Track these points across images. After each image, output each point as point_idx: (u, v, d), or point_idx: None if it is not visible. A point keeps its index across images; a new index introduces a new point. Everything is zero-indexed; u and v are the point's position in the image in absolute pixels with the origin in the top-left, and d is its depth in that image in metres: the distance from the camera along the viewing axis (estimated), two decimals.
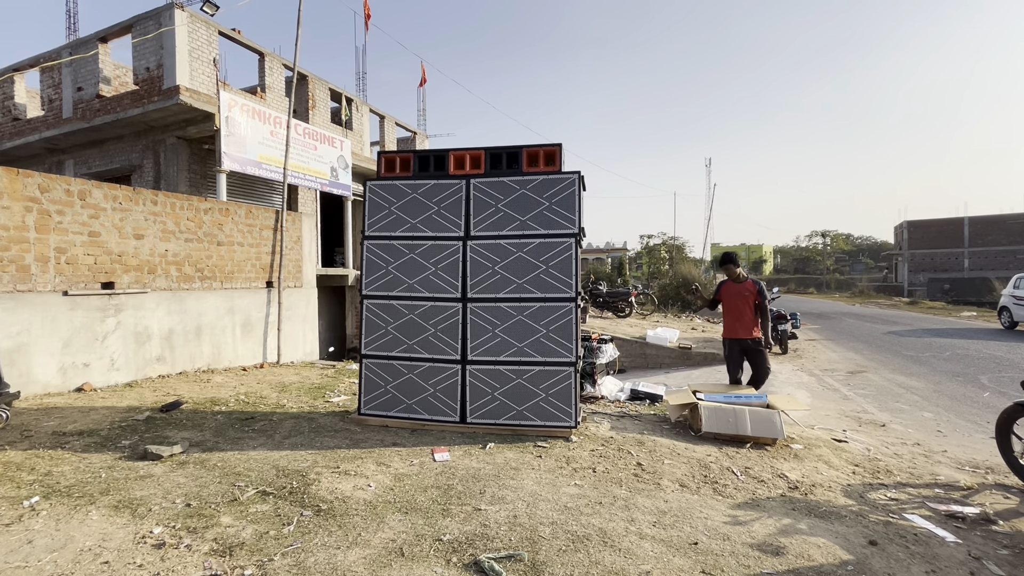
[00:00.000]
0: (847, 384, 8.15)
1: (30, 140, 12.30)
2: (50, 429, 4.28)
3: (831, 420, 5.93)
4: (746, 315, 5.22)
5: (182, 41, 10.10)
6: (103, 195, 5.77)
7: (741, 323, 5.24)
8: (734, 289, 5.32)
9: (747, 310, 5.22)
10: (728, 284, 5.41)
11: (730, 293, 5.34)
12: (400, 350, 4.71)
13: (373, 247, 4.83)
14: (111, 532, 2.67)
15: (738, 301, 5.25)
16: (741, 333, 5.26)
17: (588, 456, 3.94)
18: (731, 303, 5.33)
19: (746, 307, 5.22)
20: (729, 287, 5.37)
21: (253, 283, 7.65)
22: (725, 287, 5.41)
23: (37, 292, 5.21)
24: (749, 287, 5.26)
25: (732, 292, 5.32)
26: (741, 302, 5.24)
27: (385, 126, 16.79)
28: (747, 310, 5.22)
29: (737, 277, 5.34)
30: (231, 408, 5.18)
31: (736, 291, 5.29)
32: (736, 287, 5.31)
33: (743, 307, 5.23)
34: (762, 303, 5.25)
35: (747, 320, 5.22)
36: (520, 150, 4.60)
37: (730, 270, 5.37)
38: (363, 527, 2.76)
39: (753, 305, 5.23)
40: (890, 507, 3.33)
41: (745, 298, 5.22)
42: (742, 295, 5.24)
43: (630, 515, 2.94)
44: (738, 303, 5.25)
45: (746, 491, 3.40)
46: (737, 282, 5.33)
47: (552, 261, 4.49)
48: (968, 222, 40.88)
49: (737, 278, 5.34)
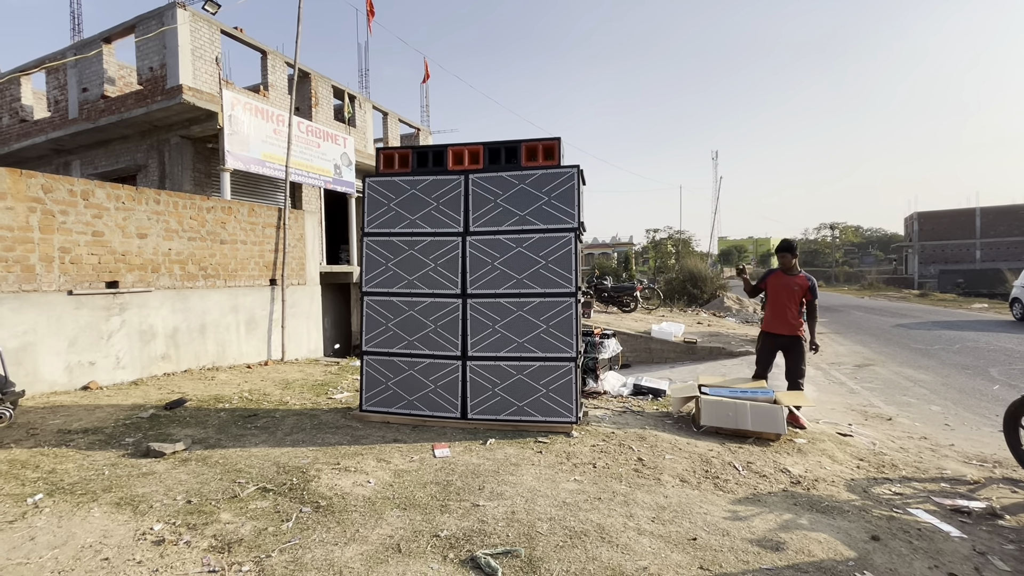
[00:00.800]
0: (854, 378, 8.07)
1: (37, 141, 12.41)
2: (55, 427, 4.32)
3: (837, 414, 5.87)
4: (791, 310, 4.88)
5: (184, 40, 10.13)
6: (106, 195, 5.80)
7: (783, 318, 4.91)
8: (783, 281, 4.94)
9: (793, 305, 4.88)
10: (777, 275, 5.01)
11: (777, 284, 4.97)
12: (401, 346, 4.71)
13: (373, 244, 4.83)
14: (112, 529, 2.70)
15: (784, 294, 4.90)
16: (782, 329, 4.93)
17: (589, 451, 3.93)
18: (776, 295, 4.97)
19: (792, 302, 4.88)
20: (778, 278, 4.98)
21: (257, 281, 7.68)
22: (773, 277, 5.02)
23: (42, 292, 5.26)
24: (800, 281, 4.87)
25: (780, 284, 4.95)
26: (788, 296, 4.88)
27: (388, 123, 16.78)
28: (793, 305, 4.88)
29: (791, 268, 4.95)
30: (234, 405, 5.21)
31: (784, 283, 4.92)
32: (785, 279, 4.93)
33: (788, 301, 4.89)
34: (812, 302, 4.91)
35: (791, 316, 4.89)
36: (519, 145, 4.57)
37: (786, 259, 4.94)
38: (361, 523, 2.76)
39: (800, 301, 4.88)
40: (894, 502, 3.29)
41: (793, 292, 4.86)
42: (790, 288, 4.88)
43: (629, 510, 2.92)
44: (784, 296, 4.90)
45: (747, 486, 3.37)
46: (789, 273, 4.95)
47: (552, 256, 4.46)
48: (980, 213, 40.28)
49: (791, 269, 4.95)
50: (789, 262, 4.95)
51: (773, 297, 5.00)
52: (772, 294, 5.02)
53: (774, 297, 4.99)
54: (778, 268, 5.06)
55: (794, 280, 4.90)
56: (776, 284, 4.98)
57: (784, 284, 4.93)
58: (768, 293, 5.07)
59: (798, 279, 4.90)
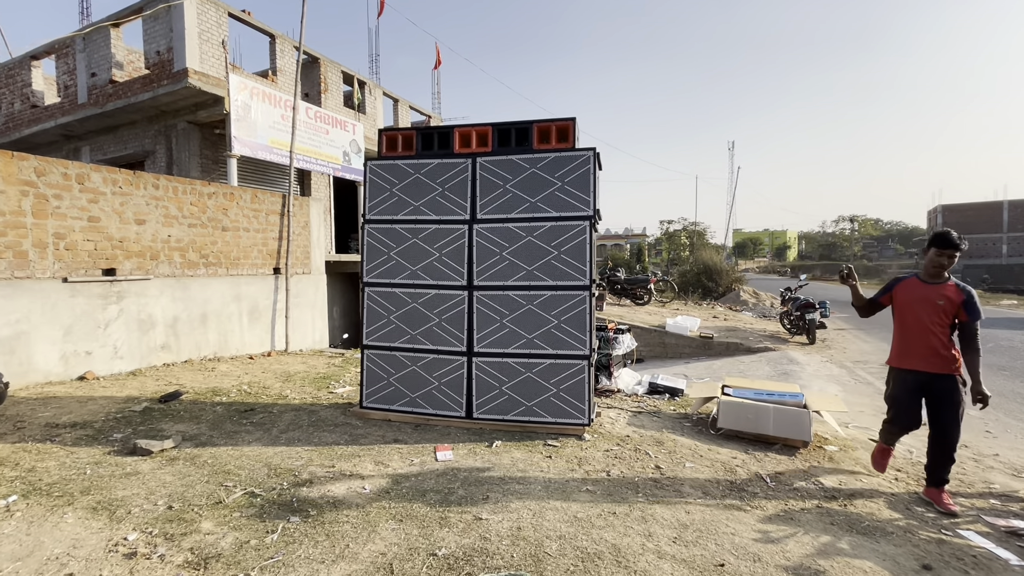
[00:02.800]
0: (881, 377, 7.66)
1: (47, 127, 12.33)
2: (44, 420, 4.15)
3: (865, 417, 5.53)
4: (937, 335, 3.22)
5: (191, 23, 9.89)
6: (102, 179, 5.60)
7: (926, 346, 3.24)
8: (921, 292, 3.30)
9: (940, 328, 3.22)
10: (909, 283, 3.40)
11: (912, 297, 3.33)
12: (403, 341, 4.45)
13: (374, 231, 4.56)
14: (84, 538, 2.48)
15: (925, 311, 3.25)
16: (924, 363, 3.25)
17: (602, 457, 3.65)
18: (912, 313, 3.32)
19: (939, 323, 3.22)
20: (912, 287, 3.37)
21: (260, 269, 7.48)
22: (904, 286, 3.42)
23: (36, 279, 5.09)
24: (950, 293, 3.22)
25: (916, 296, 3.31)
26: (931, 313, 3.23)
27: (399, 109, 16.48)
28: (940, 328, 3.22)
29: (941, 272, 3.27)
30: (232, 399, 5.01)
31: (924, 296, 3.28)
32: (925, 290, 3.28)
33: (931, 322, 3.22)
34: (969, 325, 3.22)
35: (938, 343, 3.22)
36: (530, 125, 4.25)
37: (943, 259, 3.23)
38: (353, 537, 2.52)
39: (951, 323, 3.24)
40: (940, 521, 2.97)
41: (939, 309, 3.21)
42: (933, 303, 3.23)
43: (647, 528, 2.64)
44: (924, 314, 3.25)
45: (777, 501, 3.07)
46: (932, 281, 3.29)
47: (565, 246, 4.15)
48: (1007, 206, 38.99)
49: (940, 273, 3.28)
50: (946, 263, 3.23)
51: (908, 315, 3.36)
52: (905, 311, 3.38)
53: (910, 315, 3.34)
54: (913, 274, 3.47)
55: (939, 291, 3.25)
56: (910, 297, 3.35)
57: (924, 297, 3.28)
58: (897, 310, 3.45)
59: (945, 289, 3.24)
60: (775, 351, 9.75)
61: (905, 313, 3.37)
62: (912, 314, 3.32)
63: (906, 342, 3.35)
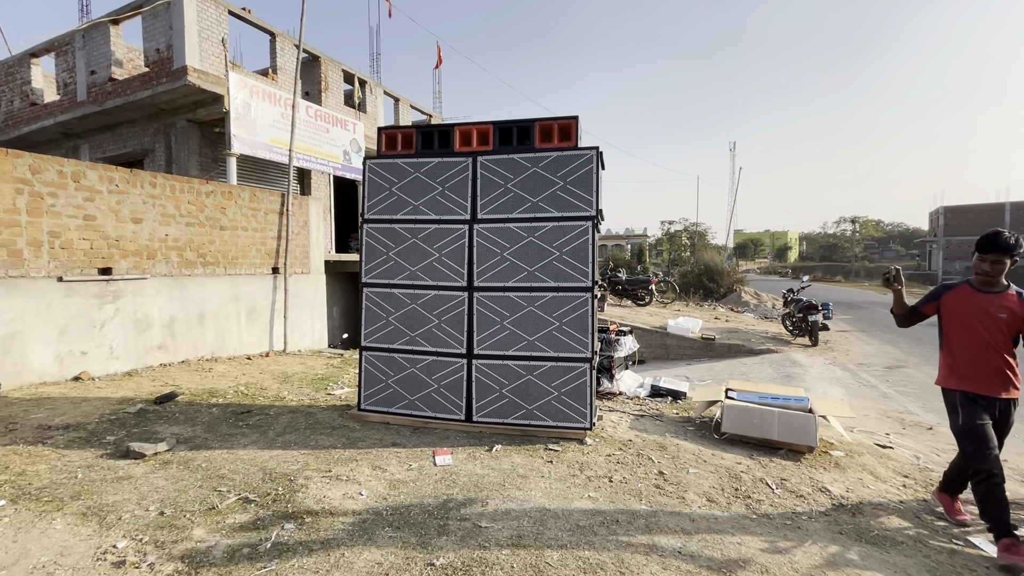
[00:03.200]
0: (885, 380, 7.60)
1: (46, 124, 12.27)
2: (36, 422, 4.08)
3: (871, 422, 5.46)
4: (999, 353, 2.81)
5: (191, 20, 9.82)
6: (98, 177, 5.53)
7: (986, 365, 2.83)
8: (977, 302, 2.87)
9: (1004, 345, 2.82)
10: (961, 291, 2.95)
11: (966, 307, 2.89)
12: (402, 342, 4.38)
13: (373, 231, 4.49)
14: (72, 545, 2.41)
15: (983, 324, 2.83)
16: (986, 388, 2.82)
17: (604, 462, 3.57)
18: (969, 327, 2.88)
19: (1001, 339, 2.81)
20: (964, 296, 2.92)
21: (258, 269, 7.41)
22: (954, 295, 2.96)
23: (30, 278, 5.02)
24: (1011, 302, 2.80)
25: (971, 306, 2.88)
26: (990, 328, 2.82)
27: (400, 108, 16.41)
28: (1004, 345, 2.82)
29: (992, 280, 2.84)
30: (228, 400, 4.95)
31: (980, 306, 2.85)
32: (981, 299, 2.86)
33: (993, 339, 2.81)
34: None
35: (1001, 362, 2.81)
36: (532, 124, 4.18)
37: (996, 264, 2.78)
38: (348, 545, 2.45)
39: (1014, 337, 2.84)
40: (951, 530, 2.90)
41: (1000, 322, 2.80)
42: (992, 315, 2.81)
43: (651, 538, 2.57)
44: (983, 328, 2.83)
45: (783, 509, 3.00)
46: (987, 290, 2.87)
47: (567, 247, 4.08)
48: (1010, 207, 38.87)
49: (995, 281, 2.84)
50: (999, 268, 2.79)
51: (962, 329, 2.91)
52: (958, 324, 2.93)
53: (964, 331, 2.90)
54: (965, 281, 3.01)
55: (998, 301, 2.82)
56: (963, 307, 2.91)
57: (980, 308, 2.85)
58: (946, 321, 3.00)
59: (1006, 299, 2.82)
60: (777, 353, 9.67)
61: (959, 327, 2.92)
62: (968, 329, 2.88)
63: (962, 360, 2.90)
